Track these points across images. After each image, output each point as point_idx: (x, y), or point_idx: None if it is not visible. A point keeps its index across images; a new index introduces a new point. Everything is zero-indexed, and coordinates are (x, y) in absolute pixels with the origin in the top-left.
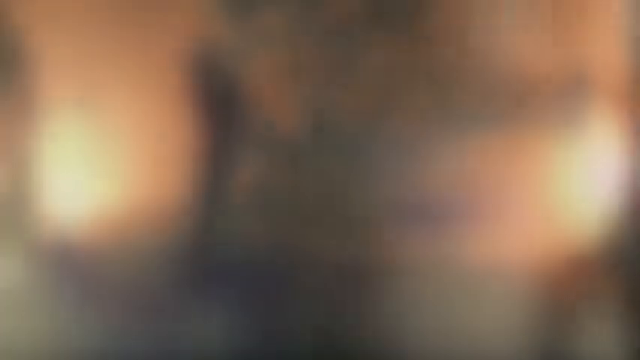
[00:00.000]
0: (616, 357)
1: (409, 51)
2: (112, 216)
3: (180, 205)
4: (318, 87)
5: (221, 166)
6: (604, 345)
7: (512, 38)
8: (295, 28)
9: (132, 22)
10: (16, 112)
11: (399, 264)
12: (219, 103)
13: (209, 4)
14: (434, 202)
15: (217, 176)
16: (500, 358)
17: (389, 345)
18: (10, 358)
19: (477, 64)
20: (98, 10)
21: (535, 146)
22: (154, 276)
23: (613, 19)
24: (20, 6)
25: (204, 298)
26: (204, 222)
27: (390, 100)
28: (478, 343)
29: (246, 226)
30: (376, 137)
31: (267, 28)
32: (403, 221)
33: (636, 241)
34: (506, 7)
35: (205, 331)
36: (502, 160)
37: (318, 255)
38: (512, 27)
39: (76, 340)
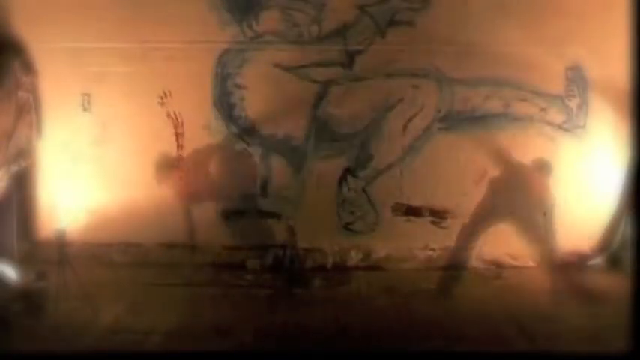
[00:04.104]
0: (616, 355)
1: None
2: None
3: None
4: None
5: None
6: (604, 343)
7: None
8: None
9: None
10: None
11: None
12: None
13: None
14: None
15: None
16: (497, 354)
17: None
18: None
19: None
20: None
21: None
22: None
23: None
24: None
25: None
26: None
27: None
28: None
29: None
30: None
31: None
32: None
33: (636, 241)
34: (509, 7)
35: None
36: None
37: None
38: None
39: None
